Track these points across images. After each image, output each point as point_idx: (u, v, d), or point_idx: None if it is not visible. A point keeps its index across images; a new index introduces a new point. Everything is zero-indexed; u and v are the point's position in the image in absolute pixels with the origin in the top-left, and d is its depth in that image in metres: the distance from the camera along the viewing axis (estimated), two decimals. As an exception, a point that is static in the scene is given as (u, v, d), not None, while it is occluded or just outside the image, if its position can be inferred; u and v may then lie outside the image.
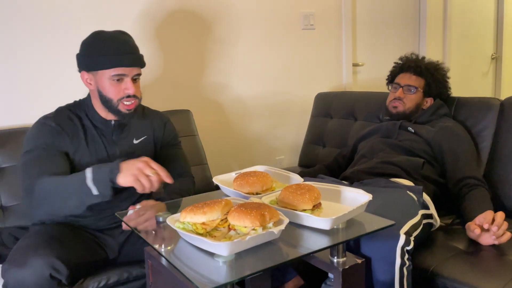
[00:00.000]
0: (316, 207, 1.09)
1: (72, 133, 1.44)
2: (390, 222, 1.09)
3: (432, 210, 1.50)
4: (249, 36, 2.48)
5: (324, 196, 1.16)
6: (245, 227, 0.96)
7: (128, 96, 1.42)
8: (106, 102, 1.42)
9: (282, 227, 0.97)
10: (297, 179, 1.33)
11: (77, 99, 1.54)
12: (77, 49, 1.45)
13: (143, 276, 1.45)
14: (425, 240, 1.47)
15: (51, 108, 1.51)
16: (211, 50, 2.36)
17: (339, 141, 2.32)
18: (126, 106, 1.43)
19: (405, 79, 1.89)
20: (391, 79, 2.00)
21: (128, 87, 1.41)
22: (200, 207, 0.99)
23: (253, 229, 0.96)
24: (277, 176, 1.36)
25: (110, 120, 1.48)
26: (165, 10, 2.18)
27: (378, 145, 1.81)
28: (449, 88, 1.94)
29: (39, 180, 1.29)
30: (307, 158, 2.51)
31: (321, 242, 1.01)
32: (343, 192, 1.20)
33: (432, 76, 1.87)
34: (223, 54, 2.40)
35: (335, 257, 1.07)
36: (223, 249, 0.91)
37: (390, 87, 1.98)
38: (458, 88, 2.15)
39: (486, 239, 1.41)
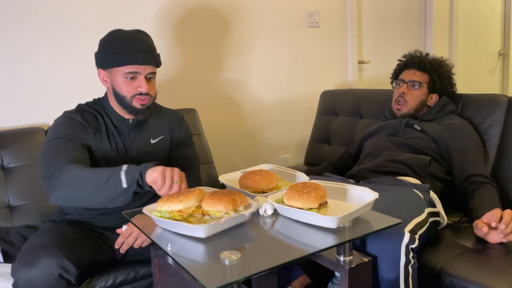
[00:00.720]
0: (322, 205, 1.09)
1: (96, 128, 1.47)
2: (397, 221, 1.08)
3: (439, 208, 1.49)
4: (254, 35, 2.47)
5: (330, 194, 1.16)
6: (219, 211, 1.05)
7: (141, 94, 1.43)
8: (120, 99, 1.44)
9: (253, 209, 1.09)
10: (303, 177, 1.33)
11: (89, 99, 1.55)
12: (89, 50, 1.46)
13: (149, 275, 1.45)
14: (432, 238, 1.47)
15: (58, 109, 1.52)
16: (217, 50, 2.36)
17: (345, 139, 2.31)
18: (140, 101, 1.44)
19: (409, 75, 1.88)
20: (395, 76, 1.99)
21: (141, 85, 1.42)
22: (176, 196, 1.08)
23: (226, 213, 1.05)
24: (283, 175, 1.36)
25: (128, 119, 1.50)
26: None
27: (384, 143, 1.80)
28: (454, 84, 1.93)
29: (67, 165, 1.29)
30: (312, 157, 2.50)
31: (328, 240, 1.01)
32: (349, 190, 1.20)
33: (436, 72, 1.86)
34: (229, 53, 2.40)
35: (342, 255, 1.07)
36: (200, 231, 1.00)
37: (394, 85, 1.97)
38: (465, 85, 2.14)
39: (494, 237, 1.40)
